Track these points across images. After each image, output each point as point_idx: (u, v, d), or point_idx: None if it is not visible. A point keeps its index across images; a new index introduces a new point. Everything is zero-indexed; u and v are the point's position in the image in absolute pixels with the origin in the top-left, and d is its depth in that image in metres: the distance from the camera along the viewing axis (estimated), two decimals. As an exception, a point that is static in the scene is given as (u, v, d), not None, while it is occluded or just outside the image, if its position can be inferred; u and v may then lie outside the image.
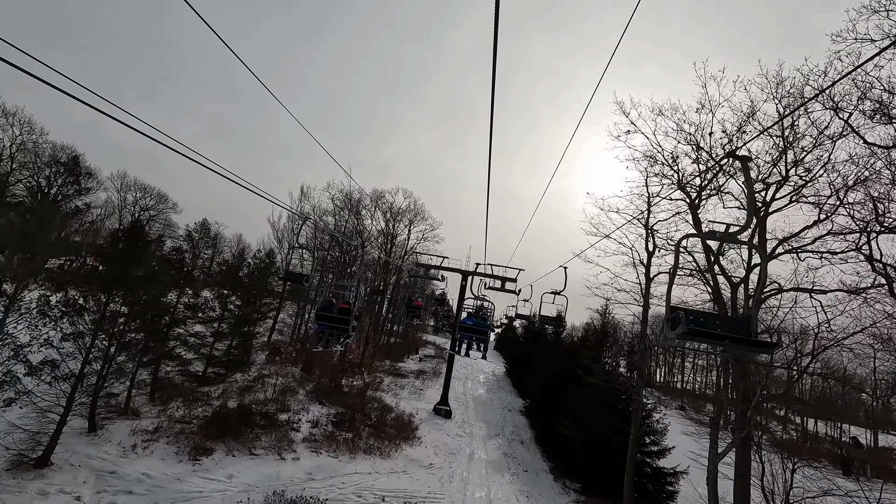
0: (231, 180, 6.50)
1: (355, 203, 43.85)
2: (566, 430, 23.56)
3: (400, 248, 50.01)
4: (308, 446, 19.46)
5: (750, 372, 15.30)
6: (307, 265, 45.64)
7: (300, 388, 26.56)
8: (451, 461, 21.36)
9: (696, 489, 18.55)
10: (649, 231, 21.14)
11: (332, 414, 23.49)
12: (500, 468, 22.38)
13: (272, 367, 30.45)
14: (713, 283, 16.80)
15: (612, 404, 22.61)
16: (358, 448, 20.12)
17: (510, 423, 33.32)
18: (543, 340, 45.28)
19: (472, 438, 27.00)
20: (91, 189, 58.66)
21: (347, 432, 21.63)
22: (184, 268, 20.51)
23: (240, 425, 19.20)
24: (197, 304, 24.19)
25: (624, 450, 20.27)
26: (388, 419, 24.98)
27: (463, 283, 33.75)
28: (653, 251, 21.04)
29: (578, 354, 27.40)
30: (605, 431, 21.65)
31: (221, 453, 17.43)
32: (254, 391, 24.64)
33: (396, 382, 38.76)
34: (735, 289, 16.38)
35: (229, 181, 6.45)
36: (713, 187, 17.17)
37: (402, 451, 20.89)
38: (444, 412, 30.80)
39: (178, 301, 21.88)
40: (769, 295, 15.66)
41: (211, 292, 28.67)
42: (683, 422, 44.18)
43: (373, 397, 29.50)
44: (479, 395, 41.58)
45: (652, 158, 19.03)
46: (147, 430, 18.35)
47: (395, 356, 51.71)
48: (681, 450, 23.04)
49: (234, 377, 26.62)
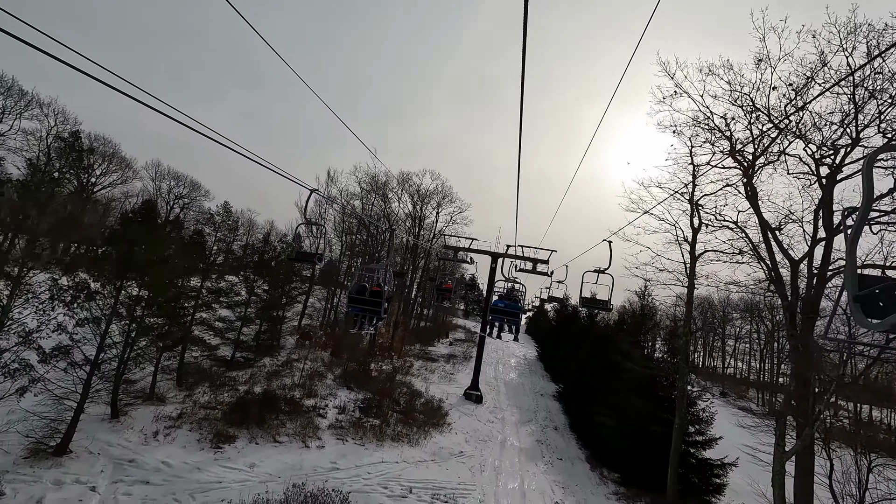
0: (254, 160, 6.51)
1: (381, 186, 43.11)
2: (603, 417, 22.46)
3: (428, 231, 49.24)
4: (334, 433, 18.97)
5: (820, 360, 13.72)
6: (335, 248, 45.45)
7: (328, 372, 26.27)
8: (483, 449, 20.60)
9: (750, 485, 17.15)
10: (694, 206, 19.52)
11: (360, 399, 23.05)
12: (534, 456, 21.52)
13: (301, 351, 30.34)
14: (770, 261, 15.17)
15: (652, 392, 21.32)
16: (385, 435, 19.54)
17: (543, 409, 32.38)
18: (576, 324, 43.88)
19: (504, 424, 26.21)
20: (128, 178, 60.48)
21: (375, 418, 21.10)
22: (206, 251, 20.18)
23: (264, 412, 18.79)
24: (221, 288, 24.05)
25: (666, 440, 19.04)
26: (417, 405, 24.40)
27: (493, 265, 32.70)
28: (698, 227, 19.43)
29: (615, 339, 26.05)
30: (645, 420, 20.43)
31: (244, 441, 17.00)
32: (281, 376, 24.45)
33: (426, 366, 38.29)
34: (795, 267, 14.74)
35: (258, 168, 5.93)
36: (771, 153, 15.39)
37: (431, 439, 20.24)
38: (474, 397, 30.12)
39: (201, 285, 21.76)
40: (836, 273, 13.97)
41: (238, 276, 28.61)
42: (728, 409, 42.23)
43: (402, 382, 29.01)
44: (510, 379, 40.75)
45: (699, 125, 17.32)
46: (170, 417, 18.05)
47: (425, 340, 51.36)
48: (729, 440, 21.60)
49: (263, 362, 26.60)
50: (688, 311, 19.21)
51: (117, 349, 16.13)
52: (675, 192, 19.62)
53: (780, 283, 14.92)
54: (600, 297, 20.95)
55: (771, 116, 14.54)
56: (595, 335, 31.86)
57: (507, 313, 20.46)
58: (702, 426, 20.02)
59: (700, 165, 19.11)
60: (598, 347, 28.73)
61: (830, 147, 14.03)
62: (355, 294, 12.76)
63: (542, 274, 29.53)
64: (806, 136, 14.00)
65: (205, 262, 21.76)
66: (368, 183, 43.34)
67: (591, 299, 20.25)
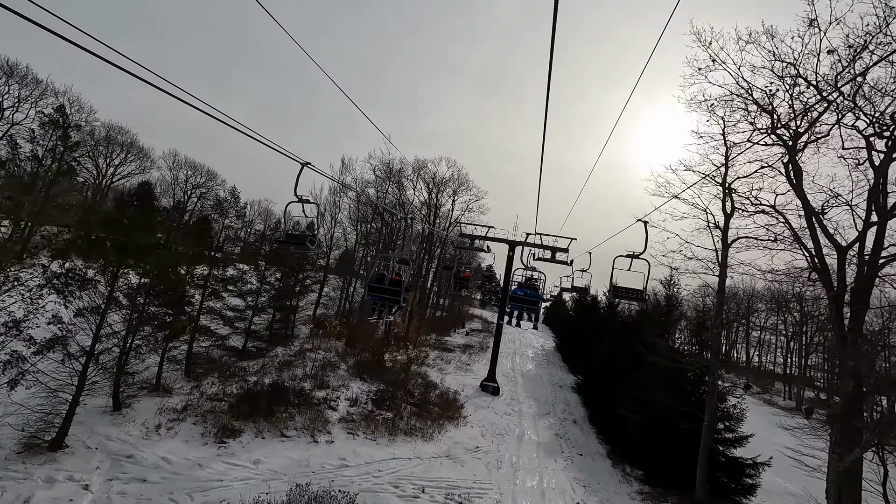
0: (265, 144, 6.36)
1: (396, 173, 42.29)
2: (625, 411, 21.51)
3: (444, 220, 48.42)
4: (344, 427, 18.30)
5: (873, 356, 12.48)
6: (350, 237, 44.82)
7: (342, 362, 25.77)
8: (499, 443, 19.85)
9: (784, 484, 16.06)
10: (727, 189, 18.23)
11: (373, 391, 22.44)
12: (553, 451, 20.72)
13: (315, 340, 29.96)
14: (815, 248, 13.92)
15: (678, 386, 20.24)
16: (398, 430, 18.84)
17: (561, 401, 31.56)
18: (596, 314, 42.73)
19: (522, 417, 25.46)
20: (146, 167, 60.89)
21: (388, 411, 20.45)
22: (212, 238, 19.64)
23: (272, 404, 18.14)
24: (229, 277, 23.57)
25: (694, 437, 18.03)
26: (432, 397, 23.75)
27: (510, 253, 31.80)
28: (731, 213, 18.15)
29: (639, 330, 24.94)
30: (670, 415, 19.41)
31: (250, 435, 16.36)
32: (293, 366, 23.95)
33: (442, 357, 37.70)
34: (843, 254, 13.47)
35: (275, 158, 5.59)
36: (818, 130, 14.03)
37: (445, 433, 19.54)
38: (491, 389, 29.43)
39: (209, 273, 21.33)
40: (890, 260, 12.70)
41: (249, 265, 28.22)
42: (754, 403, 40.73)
43: (417, 373, 28.43)
44: (527, 370, 39.94)
45: (735, 100, 16.00)
46: (175, 409, 17.43)
47: (441, 330, 50.78)
48: (761, 437, 20.44)
49: (275, 351, 26.21)
50: (719, 302, 18.02)
51: (119, 339, 15.62)
52: (705, 176, 18.39)
53: (825, 271, 13.69)
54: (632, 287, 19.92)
55: (819, 88, 13.19)
56: (617, 326, 30.73)
57: (526, 301, 20.20)
58: (732, 423, 18.91)
59: (735, 145, 17.82)
60: (620, 339, 27.65)
61: (886, 122, 12.66)
62: (374, 283, 13.18)
63: (562, 263, 28.65)
64: (859, 110, 12.65)
65: (211, 250, 21.20)
66: (383, 170, 42.57)
67: (623, 289, 19.07)
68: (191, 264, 19.69)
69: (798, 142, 14.22)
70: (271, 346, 26.10)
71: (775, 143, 15.03)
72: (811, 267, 14.50)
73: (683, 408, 18.15)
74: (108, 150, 54.81)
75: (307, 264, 29.77)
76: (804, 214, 14.22)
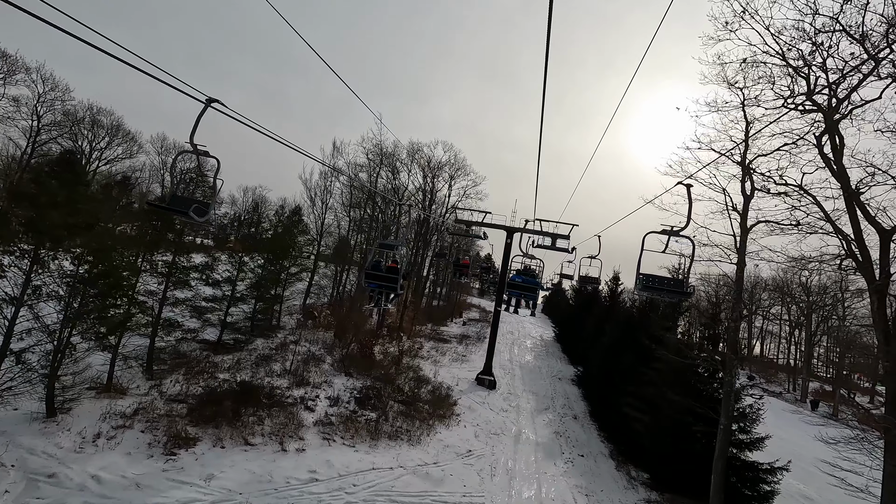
0: (252, 128, 6.09)
1: (389, 156, 40.29)
2: (630, 409, 20.00)
3: (440, 206, 46.65)
4: (320, 432, 16.37)
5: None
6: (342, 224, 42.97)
7: (328, 356, 24.10)
8: (494, 445, 18.29)
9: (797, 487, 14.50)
10: (746, 168, 16.46)
11: (359, 388, 20.72)
12: (552, 453, 19.22)
13: (302, 331, 28.29)
14: (854, 232, 12.19)
15: (689, 383, 18.67)
16: (381, 433, 17.03)
17: (561, 395, 30.17)
18: (597, 304, 41.15)
19: (519, 413, 23.99)
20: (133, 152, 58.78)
21: (372, 411, 18.68)
22: (174, 222, 17.76)
23: (239, 406, 16.00)
24: (197, 264, 21.57)
25: (706, 439, 16.51)
26: (423, 393, 22.14)
27: (508, 240, 30.09)
28: (751, 194, 16.37)
29: (646, 322, 23.31)
30: (679, 415, 17.87)
31: (207, 444, 14.15)
32: (273, 361, 22.17)
33: (437, 348, 36.23)
34: (887, 238, 11.73)
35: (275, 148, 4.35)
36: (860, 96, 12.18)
37: (435, 435, 17.87)
38: (487, 382, 27.95)
39: (172, 260, 19.42)
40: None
41: (224, 251, 26.39)
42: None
43: (409, 366, 26.88)
44: (526, 362, 38.52)
45: (759, 66, 14.13)
46: (123, 414, 15.04)
47: (438, 320, 49.33)
48: (778, 439, 18.95)
49: (255, 344, 24.46)
50: (737, 292, 16.30)
51: (47, 334, 13.47)
52: (721, 154, 16.62)
53: (866, 259, 11.97)
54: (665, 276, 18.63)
55: (865, 45, 11.34)
56: (621, 317, 29.10)
57: (524, 288, 20.78)
58: (746, 423, 17.32)
59: (756, 120, 16.06)
60: (624, 331, 26.05)
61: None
62: (371, 270, 13.22)
63: (563, 250, 27.07)
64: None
65: (175, 234, 19.26)
66: (376, 154, 40.54)
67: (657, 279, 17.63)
68: (147, 250, 17.72)
69: (839, 109, 12.36)
70: (251, 339, 24.39)
71: (810, 110, 13.19)
72: (846, 254, 12.79)
73: (696, 408, 16.55)
74: (93, 132, 52.74)
75: (293, 251, 27.94)
76: (843, 194, 12.45)
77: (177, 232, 19.13)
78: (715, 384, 18.14)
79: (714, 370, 17.98)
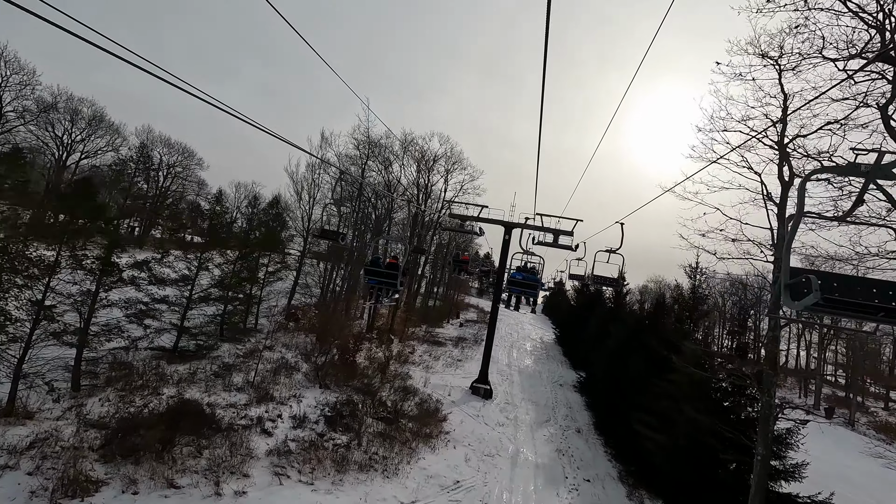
0: (235, 116, 5.63)
1: (376, 145, 37.67)
2: (643, 427, 17.65)
3: (436, 201, 44.25)
4: (273, 465, 13.16)
5: None
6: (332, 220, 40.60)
7: (305, 363, 21.51)
8: (488, 471, 15.83)
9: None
10: (784, 151, 14.10)
11: (332, 404, 18.10)
12: (554, 478, 16.84)
13: (278, 335, 25.73)
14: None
15: (710, 399, 16.30)
16: (350, 463, 14.00)
17: (562, 403, 27.85)
18: (601, 305, 38.78)
19: (518, 428, 21.63)
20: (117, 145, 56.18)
21: (344, 433, 15.90)
22: (106, 210, 15.24)
23: (173, 433, 12.73)
24: (143, 261, 18.82)
25: (739, 470, 14.17)
26: (409, 407, 19.59)
27: (506, 236, 27.72)
28: (789, 180, 14.03)
29: (659, 326, 20.94)
30: (701, 435, 15.52)
31: (115, 489, 10.78)
32: (236, 370, 19.51)
33: (431, 352, 33.83)
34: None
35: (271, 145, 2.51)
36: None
37: (417, 462, 15.23)
38: (483, 391, 25.57)
39: (106, 255, 16.50)
40: None
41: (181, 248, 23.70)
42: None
43: (396, 374, 24.42)
44: (525, 366, 36.16)
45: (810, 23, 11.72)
46: (12, 449, 11.56)
47: (433, 321, 46.90)
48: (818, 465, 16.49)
49: (220, 351, 21.86)
50: (776, 296, 13.87)
51: None
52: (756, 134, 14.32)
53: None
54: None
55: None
56: (630, 321, 26.69)
57: (524, 285, 21.00)
58: (780, 448, 14.89)
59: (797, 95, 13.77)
60: (632, 334, 23.67)
61: None
62: (371, 266, 13.36)
63: (566, 247, 24.88)
64: None
65: (106, 221, 16.55)
66: (366, 144, 37.97)
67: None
68: (70, 238, 14.84)
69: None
70: (217, 345, 21.81)
71: (874, 77, 10.76)
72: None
73: (723, 430, 14.14)
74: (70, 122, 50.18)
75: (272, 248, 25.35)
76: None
77: (107, 220, 16.44)
78: (742, 401, 15.76)
79: (741, 386, 15.57)
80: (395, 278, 12.85)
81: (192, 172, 59.87)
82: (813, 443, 15.07)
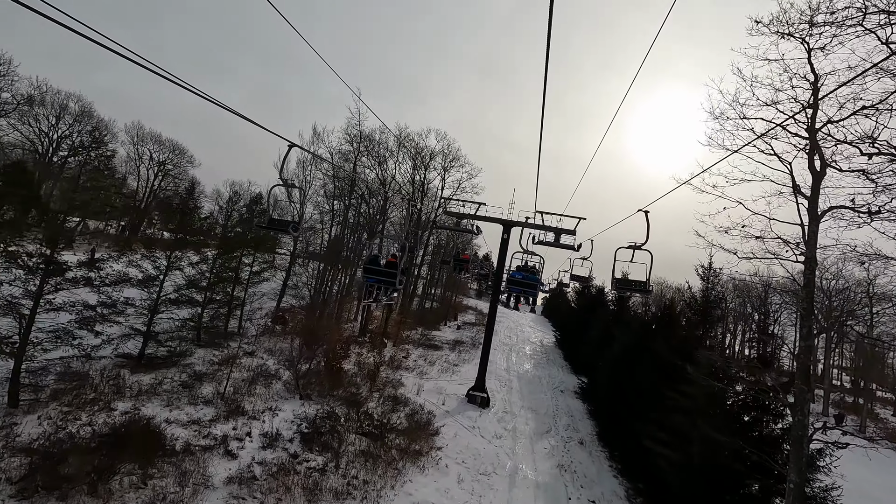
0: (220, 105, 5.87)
1: (368, 139, 36.01)
2: (653, 443, 16.15)
3: (433, 199, 42.79)
4: (232, 497, 11.22)
5: None
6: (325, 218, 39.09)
7: (285, 371, 19.87)
8: (483, 493, 14.25)
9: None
10: (815, 139, 12.61)
11: (310, 418, 16.38)
12: (556, 499, 15.32)
13: (267, 339, 24.13)
14: None
15: (728, 414, 14.80)
16: (324, 491, 12.19)
17: (564, 411, 26.37)
18: (603, 308, 37.28)
19: (516, 440, 20.14)
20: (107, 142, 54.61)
21: (321, 453, 14.15)
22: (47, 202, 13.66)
23: (114, 461, 10.92)
24: (97, 259, 17.11)
25: (763, 492, 12.64)
26: (398, 419, 17.99)
27: (505, 235, 26.19)
28: (821, 171, 12.50)
29: (670, 331, 19.43)
30: (718, 455, 14.04)
31: None
32: (207, 380, 17.79)
33: (426, 356, 32.31)
34: None
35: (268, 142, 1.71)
36: None
37: (403, 485, 13.49)
38: (479, 399, 24.04)
39: (51, 253, 14.41)
40: None
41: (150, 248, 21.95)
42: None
43: (387, 380, 22.86)
44: (524, 371, 34.67)
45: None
46: None
47: (430, 323, 45.39)
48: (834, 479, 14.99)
49: (193, 358, 20.22)
50: (808, 301, 12.30)
51: None
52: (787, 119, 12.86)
53: None
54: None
55: None
56: (633, 323, 25.17)
57: (524, 284, 21.11)
58: (809, 470, 13.33)
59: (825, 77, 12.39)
60: (639, 339, 22.15)
61: None
62: (369, 264, 13.46)
63: (568, 247, 23.49)
64: None
65: (43, 212, 14.81)
66: (358, 138, 36.36)
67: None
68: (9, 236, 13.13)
69: None
70: (191, 351, 20.20)
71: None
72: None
73: (749, 453, 12.62)
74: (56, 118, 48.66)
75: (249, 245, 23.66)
76: None
77: (44, 207, 14.67)
78: (765, 417, 14.25)
79: (762, 399, 14.05)
80: (394, 277, 12.86)
81: (183, 170, 58.25)
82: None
